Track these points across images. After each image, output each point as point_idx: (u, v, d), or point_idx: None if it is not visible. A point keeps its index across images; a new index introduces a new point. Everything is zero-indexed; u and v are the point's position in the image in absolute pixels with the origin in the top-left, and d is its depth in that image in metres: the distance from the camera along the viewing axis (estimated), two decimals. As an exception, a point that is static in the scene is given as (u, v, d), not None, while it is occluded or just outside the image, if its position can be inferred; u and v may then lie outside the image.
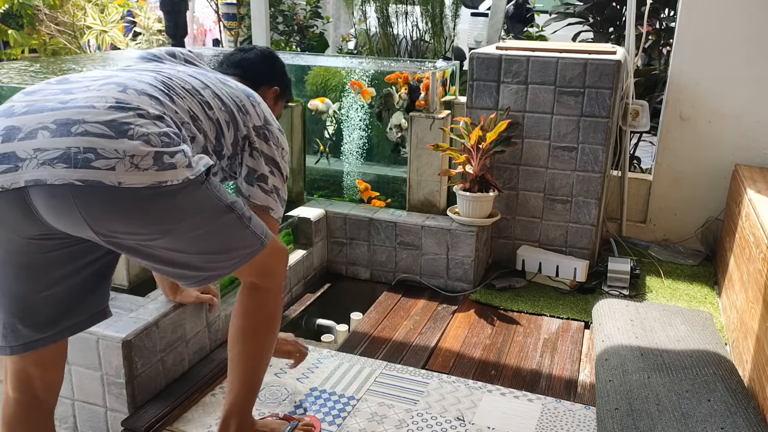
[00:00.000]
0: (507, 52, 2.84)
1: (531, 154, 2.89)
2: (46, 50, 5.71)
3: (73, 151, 1.21)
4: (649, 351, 2.13)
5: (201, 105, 1.49)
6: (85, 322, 1.48)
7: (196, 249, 1.40)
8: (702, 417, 1.75)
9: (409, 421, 1.91)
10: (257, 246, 1.49)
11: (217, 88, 1.57)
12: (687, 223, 3.27)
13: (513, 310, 2.64)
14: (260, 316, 1.62)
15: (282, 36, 6.05)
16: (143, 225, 1.29)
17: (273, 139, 1.66)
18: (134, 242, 1.33)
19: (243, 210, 1.46)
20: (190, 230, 1.35)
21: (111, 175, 1.21)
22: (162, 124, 1.31)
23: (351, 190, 3.30)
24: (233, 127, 1.58)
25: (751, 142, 3.07)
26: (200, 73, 1.60)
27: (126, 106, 1.29)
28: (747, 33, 2.97)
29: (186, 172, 1.29)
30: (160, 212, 1.29)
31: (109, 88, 1.33)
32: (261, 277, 1.59)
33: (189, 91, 1.48)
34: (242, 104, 1.61)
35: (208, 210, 1.37)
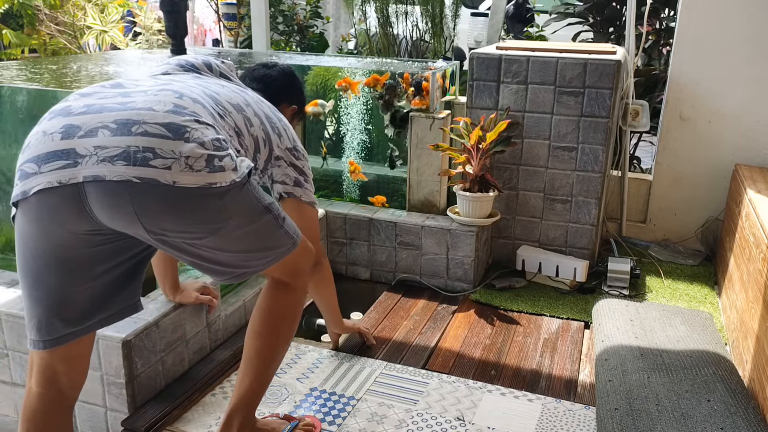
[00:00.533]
0: (507, 52, 2.84)
1: (531, 154, 2.89)
2: (46, 50, 5.71)
3: (132, 150, 1.26)
4: (649, 351, 2.13)
5: (244, 121, 1.57)
6: (116, 315, 1.52)
7: (237, 248, 1.46)
8: (702, 417, 1.75)
9: (409, 421, 1.91)
10: (290, 245, 1.55)
11: (257, 107, 1.65)
12: (687, 223, 3.27)
13: (513, 310, 2.64)
14: (284, 313, 1.66)
15: (282, 36, 6.05)
16: (192, 224, 1.35)
17: (300, 156, 1.79)
18: (181, 240, 1.39)
19: (279, 211, 1.53)
20: (234, 230, 1.41)
21: (167, 174, 1.27)
22: (213, 131, 1.37)
23: (351, 191, 3.30)
24: (267, 146, 1.66)
25: (751, 142, 3.07)
26: (240, 90, 1.66)
27: (183, 111, 1.35)
28: (747, 33, 2.97)
29: (232, 175, 1.35)
30: (209, 212, 1.35)
31: (166, 93, 1.39)
32: (289, 275, 1.64)
33: (234, 107, 1.55)
34: (276, 126, 1.70)
35: (250, 211, 1.44)
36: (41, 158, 1.29)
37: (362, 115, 3.24)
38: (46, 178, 1.28)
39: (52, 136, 1.30)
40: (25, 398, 1.51)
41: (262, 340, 1.64)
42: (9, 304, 1.93)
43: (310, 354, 2.26)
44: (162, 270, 1.97)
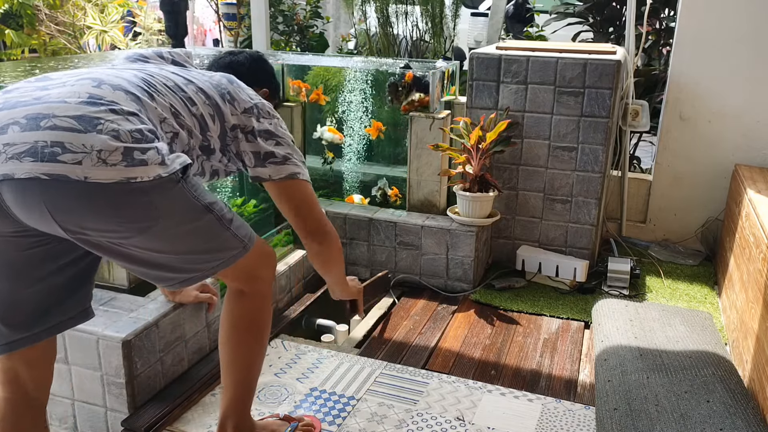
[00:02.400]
0: (507, 52, 2.84)
1: (531, 154, 2.89)
2: (46, 50, 5.71)
3: (40, 145, 1.20)
4: (648, 351, 2.13)
5: (183, 101, 1.48)
6: (67, 322, 1.48)
7: (175, 249, 1.38)
8: (701, 418, 1.75)
9: (409, 421, 1.91)
10: (239, 249, 1.46)
11: (200, 82, 1.56)
12: (687, 223, 3.27)
13: (513, 310, 2.64)
14: (247, 323, 1.60)
15: (282, 36, 6.05)
16: (115, 222, 1.27)
17: (263, 113, 1.64)
18: (106, 240, 1.31)
19: (223, 211, 1.43)
20: (166, 229, 1.33)
21: (77, 169, 1.19)
22: (135, 120, 1.29)
23: (351, 190, 3.30)
24: (219, 120, 1.56)
25: (751, 142, 3.07)
26: (184, 70, 1.59)
27: (98, 101, 1.28)
28: (747, 33, 2.97)
29: (158, 169, 1.26)
30: (134, 209, 1.27)
31: (83, 83, 1.32)
32: (246, 283, 1.57)
33: (171, 88, 1.47)
34: (227, 91, 1.59)
35: (186, 210, 1.35)
36: None
37: (366, 115, 3.24)
38: None
39: None
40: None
41: (233, 352, 1.61)
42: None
43: (310, 354, 2.26)
44: None
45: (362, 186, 3.31)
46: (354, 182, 3.31)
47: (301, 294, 2.77)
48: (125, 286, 2.16)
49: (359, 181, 3.31)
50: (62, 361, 1.86)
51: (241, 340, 1.61)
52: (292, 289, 2.71)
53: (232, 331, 1.60)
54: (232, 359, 1.62)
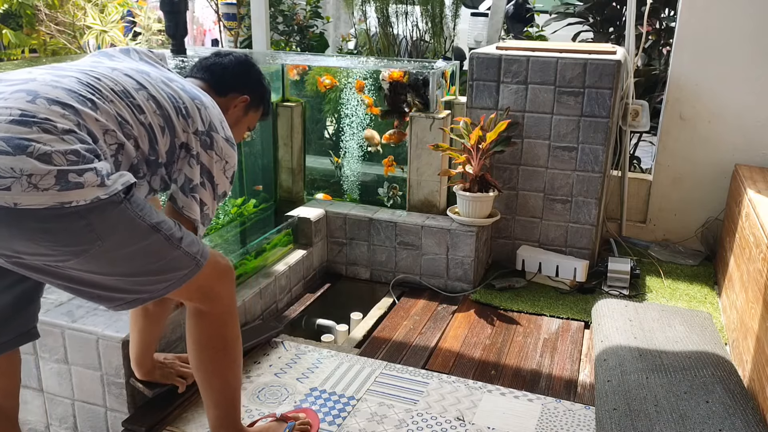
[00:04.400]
0: (507, 52, 2.84)
1: (531, 154, 2.89)
2: (46, 50, 5.71)
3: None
4: (648, 351, 2.13)
5: (131, 108, 1.38)
6: (10, 343, 1.44)
7: (117, 271, 1.31)
8: (700, 418, 1.75)
9: (409, 421, 1.91)
10: (191, 267, 1.40)
11: (155, 89, 1.44)
12: (687, 223, 3.27)
13: (513, 310, 2.64)
14: (213, 342, 1.55)
15: (282, 36, 6.05)
16: (49, 247, 1.21)
17: (216, 147, 1.51)
18: (42, 263, 1.25)
19: (172, 230, 1.36)
20: (107, 252, 1.26)
21: (6, 195, 1.12)
22: (72, 140, 1.21)
23: (351, 190, 3.30)
24: (169, 133, 1.44)
25: (751, 142, 3.07)
26: (140, 71, 1.47)
27: (30, 120, 1.19)
28: (747, 33, 2.97)
29: (97, 191, 1.19)
30: (69, 234, 1.20)
31: (17, 97, 1.23)
32: (203, 301, 1.50)
33: (118, 93, 1.37)
34: (183, 106, 1.48)
35: (128, 230, 1.28)
36: None
37: (366, 115, 3.24)
38: None
39: None
40: None
41: (205, 373, 1.56)
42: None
43: (310, 354, 2.26)
44: None
45: (362, 186, 3.31)
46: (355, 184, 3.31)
47: (301, 294, 2.77)
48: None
49: (360, 182, 3.31)
50: (62, 361, 1.86)
51: (211, 361, 1.55)
52: (292, 289, 2.71)
53: (199, 353, 1.55)
54: (206, 380, 1.57)
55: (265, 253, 2.63)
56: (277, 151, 3.23)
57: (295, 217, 2.83)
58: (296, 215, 2.84)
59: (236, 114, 1.75)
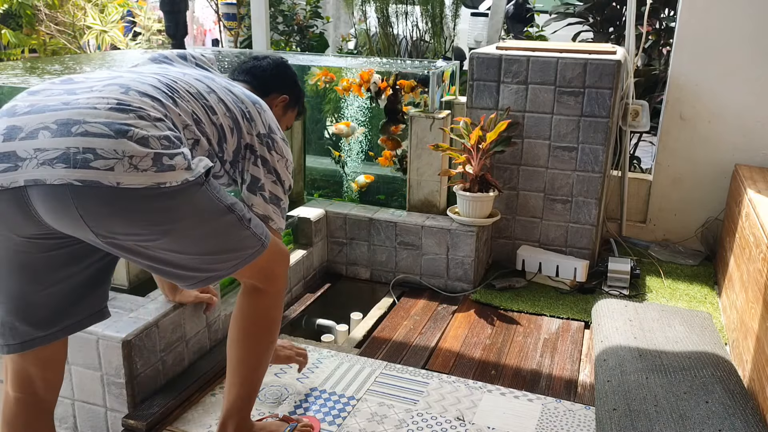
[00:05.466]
0: (507, 52, 2.85)
1: (531, 154, 2.89)
2: (46, 50, 5.71)
3: (72, 151, 1.21)
4: (648, 352, 2.13)
5: (204, 109, 1.49)
6: (83, 322, 1.49)
7: (196, 250, 1.40)
8: (700, 419, 1.75)
9: (409, 421, 1.91)
10: (258, 247, 1.49)
11: (222, 94, 1.56)
12: (687, 223, 3.27)
13: (513, 310, 2.64)
14: (260, 319, 1.62)
15: (282, 36, 6.05)
16: (143, 225, 1.30)
17: (276, 148, 1.64)
18: (133, 243, 1.33)
19: (243, 211, 1.46)
20: (190, 231, 1.36)
21: (110, 175, 1.21)
22: (163, 127, 1.32)
23: (351, 190, 3.30)
24: (236, 134, 1.57)
25: (751, 142, 3.07)
26: (207, 77, 1.59)
27: (127, 108, 1.29)
28: (747, 33, 2.97)
29: (185, 174, 1.29)
30: (160, 213, 1.30)
31: (111, 89, 1.33)
32: (262, 280, 1.59)
33: (193, 94, 1.48)
34: (247, 111, 1.60)
35: (208, 211, 1.38)
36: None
37: (367, 116, 3.25)
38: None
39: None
40: (3, 404, 1.50)
41: (243, 348, 1.62)
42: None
43: (310, 354, 2.26)
44: None
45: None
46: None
47: (301, 294, 2.77)
48: (125, 286, 2.16)
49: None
50: (62, 361, 1.86)
51: (254, 337, 1.62)
52: (292, 289, 2.71)
53: (245, 328, 1.61)
54: (243, 357, 1.62)
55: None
56: (277, 151, 3.22)
57: (295, 217, 2.83)
58: (296, 215, 2.84)
59: (277, 113, 1.82)
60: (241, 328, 1.61)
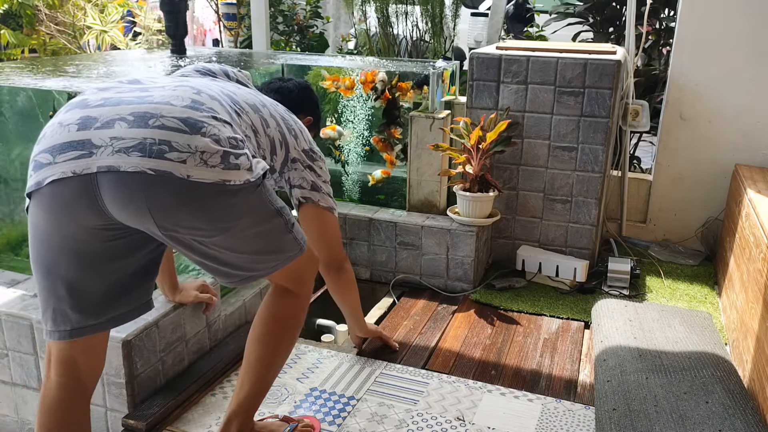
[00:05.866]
0: (507, 52, 2.85)
1: (531, 154, 2.89)
2: (46, 50, 5.71)
3: (148, 142, 1.27)
4: (647, 352, 2.13)
5: (261, 120, 1.58)
6: (131, 313, 1.53)
7: (246, 249, 1.46)
8: (700, 419, 1.75)
9: (409, 421, 1.91)
10: (296, 251, 1.55)
11: (272, 110, 1.67)
12: (687, 223, 3.27)
13: (513, 310, 2.64)
14: (286, 320, 1.66)
15: (282, 36, 6.05)
16: (204, 221, 1.35)
17: (316, 158, 1.81)
18: (191, 237, 1.38)
19: (289, 215, 1.53)
20: (243, 230, 1.41)
21: (182, 167, 1.27)
22: (230, 129, 1.39)
23: (351, 190, 3.29)
24: (284, 148, 1.68)
25: (751, 142, 3.07)
26: (255, 95, 1.67)
27: (201, 107, 1.36)
28: (747, 33, 2.97)
29: (247, 174, 1.36)
30: (221, 210, 1.35)
31: (184, 89, 1.40)
32: (293, 283, 1.63)
33: (251, 107, 1.57)
34: (292, 128, 1.73)
35: (261, 212, 1.44)
36: (56, 149, 1.29)
37: (368, 116, 3.24)
38: (60, 168, 1.28)
39: (68, 127, 1.30)
40: (43, 390, 1.51)
41: (264, 347, 1.64)
42: (9, 304, 1.93)
43: (310, 354, 2.26)
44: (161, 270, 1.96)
45: (362, 185, 3.31)
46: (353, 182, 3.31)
47: (301, 294, 2.77)
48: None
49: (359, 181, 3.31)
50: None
51: (276, 337, 1.65)
52: (292, 289, 2.71)
53: (269, 327, 1.64)
54: (261, 355, 1.64)
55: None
56: (277, 151, 3.22)
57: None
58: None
59: None
60: (265, 327, 1.64)
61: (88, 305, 1.44)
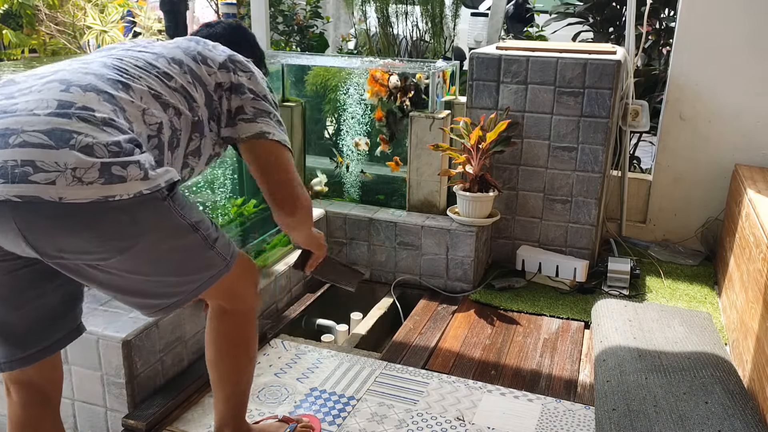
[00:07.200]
0: (507, 52, 2.84)
1: (531, 154, 2.89)
2: (46, 50, 5.71)
3: (10, 165, 1.10)
4: (647, 352, 2.13)
5: (159, 78, 1.37)
6: (61, 341, 1.45)
7: (154, 270, 1.30)
8: (699, 419, 1.75)
9: (409, 421, 1.91)
10: (221, 268, 1.39)
11: (168, 51, 1.45)
12: (687, 223, 3.27)
13: (513, 310, 2.64)
14: (233, 340, 1.57)
15: (282, 36, 6.05)
16: (94, 243, 1.18)
17: (239, 66, 1.52)
18: (83, 263, 1.23)
19: (209, 230, 1.36)
20: (147, 250, 1.24)
21: (51, 189, 1.09)
22: (112, 130, 1.19)
23: (351, 190, 3.29)
24: (199, 85, 1.45)
25: (751, 142, 3.07)
26: (150, 42, 1.50)
27: (68, 112, 1.17)
28: (747, 33, 2.97)
29: (140, 185, 1.16)
30: (113, 229, 1.18)
31: (51, 87, 1.21)
32: (228, 301, 1.51)
33: (142, 67, 1.37)
34: (197, 52, 1.48)
35: (170, 229, 1.27)
36: None
37: (367, 116, 3.24)
38: None
39: None
40: (8, 409, 1.47)
41: (223, 367, 1.58)
42: None
43: (310, 354, 2.26)
44: None
45: (363, 187, 3.31)
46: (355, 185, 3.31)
47: (301, 294, 2.77)
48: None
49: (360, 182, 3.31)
50: (62, 361, 1.86)
51: (229, 358, 1.57)
52: (292, 289, 2.71)
53: (219, 350, 1.57)
54: (221, 377, 1.59)
55: (265, 253, 2.63)
56: (277, 151, 3.22)
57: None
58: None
59: None
60: (216, 350, 1.57)
61: (16, 337, 1.35)
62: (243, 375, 1.62)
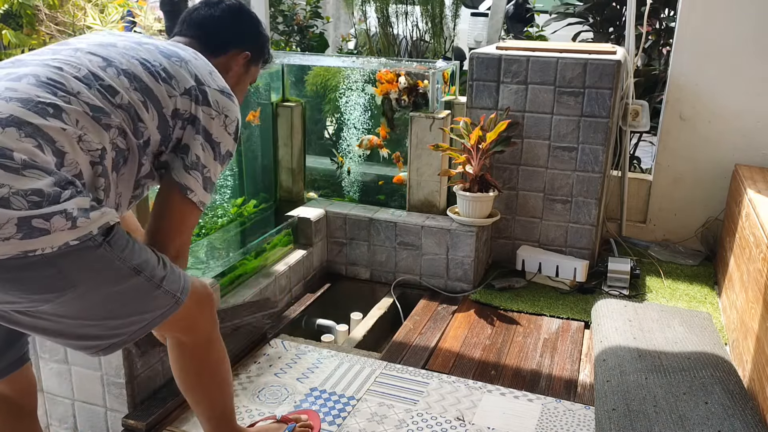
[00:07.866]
0: (507, 52, 2.84)
1: (531, 154, 2.89)
2: (46, 50, 5.71)
3: None
4: (647, 352, 2.13)
5: (102, 92, 1.22)
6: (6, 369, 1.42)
7: (93, 315, 1.20)
8: (699, 419, 1.75)
9: (409, 421, 1.91)
10: (170, 306, 1.29)
11: (124, 61, 1.29)
12: (687, 223, 3.27)
13: (513, 310, 2.64)
14: (195, 372, 1.51)
15: (282, 36, 6.04)
16: (18, 295, 1.10)
17: (211, 101, 1.36)
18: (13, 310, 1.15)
19: (155, 270, 1.24)
20: (82, 297, 1.15)
21: None
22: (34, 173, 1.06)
23: (351, 190, 3.30)
24: (152, 105, 1.29)
25: (751, 142, 3.07)
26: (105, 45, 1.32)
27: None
28: (747, 33, 2.97)
29: (66, 236, 1.06)
30: (37, 282, 1.09)
31: None
32: (184, 333, 1.44)
33: (82, 79, 1.22)
34: (162, 69, 1.32)
35: (106, 276, 1.17)
36: None
37: (368, 116, 3.25)
38: None
39: None
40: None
41: (192, 397, 1.54)
42: None
43: (310, 354, 2.26)
44: None
45: (363, 186, 3.31)
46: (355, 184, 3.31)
47: (301, 294, 2.77)
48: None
49: (361, 182, 3.31)
50: (62, 361, 1.86)
51: (197, 387, 1.53)
52: (293, 289, 2.71)
53: (183, 381, 1.52)
54: (195, 402, 1.56)
55: (265, 253, 2.64)
56: (277, 152, 3.23)
57: (295, 217, 2.83)
58: (296, 215, 2.84)
59: (238, 72, 1.59)
60: (181, 382, 1.52)
61: None
62: (216, 399, 1.56)
